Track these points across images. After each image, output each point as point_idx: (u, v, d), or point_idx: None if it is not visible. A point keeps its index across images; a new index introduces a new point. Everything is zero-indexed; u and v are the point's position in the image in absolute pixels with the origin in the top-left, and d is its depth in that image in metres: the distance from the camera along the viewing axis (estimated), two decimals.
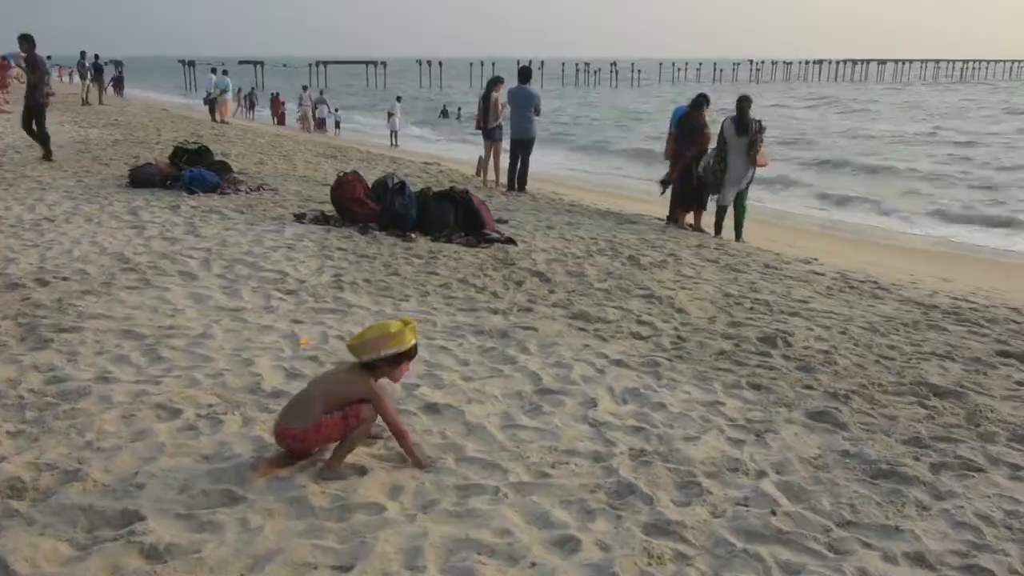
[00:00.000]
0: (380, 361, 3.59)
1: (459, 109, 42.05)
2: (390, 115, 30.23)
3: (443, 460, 3.69)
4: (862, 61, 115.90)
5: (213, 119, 26.84)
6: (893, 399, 4.71)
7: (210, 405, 4.19)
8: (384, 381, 3.70)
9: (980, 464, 3.87)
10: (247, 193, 11.08)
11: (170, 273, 6.77)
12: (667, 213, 11.68)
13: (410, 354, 3.69)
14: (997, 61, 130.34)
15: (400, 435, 3.65)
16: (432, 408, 4.28)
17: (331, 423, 3.51)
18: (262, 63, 79.12)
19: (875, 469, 3.77)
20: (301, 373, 4.68)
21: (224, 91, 26.94)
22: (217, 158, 12.37)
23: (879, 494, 3.54)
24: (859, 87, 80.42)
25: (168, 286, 6.38)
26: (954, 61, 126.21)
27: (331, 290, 6.54)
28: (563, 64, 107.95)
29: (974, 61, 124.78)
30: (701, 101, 11.16)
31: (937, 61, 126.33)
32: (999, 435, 4.22)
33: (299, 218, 9.46)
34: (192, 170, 11.10)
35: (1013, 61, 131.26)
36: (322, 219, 9.40)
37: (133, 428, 3.89)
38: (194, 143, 12.18)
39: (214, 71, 28.57)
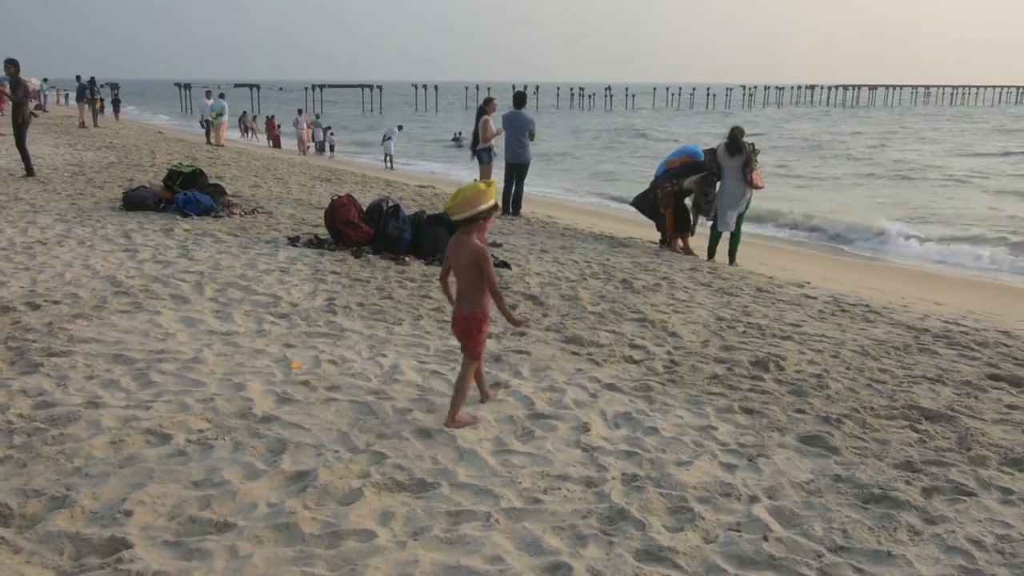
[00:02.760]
0: (477, 216, 4.29)
1: (460, 133, 42.02)
2: (386, 138, 30.31)
3: (438, 486, 3.68)
4: (853, 87, 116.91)
5: (208, 142, 26.91)
6: (885, 423, 4.71)
7: (200, 430, 4.17)
8: None
9: (971, 488, 3.87)
10: (241, 216, 11.09)
11: (162, 297, 6.76)
12: (660, 237, 11.74)
13: (494, 208, 4.37)
14: (985, 87, 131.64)
15: (496, 295, 4.34)
16: (424, 433, 4.27)
17: (485, 326, 4.45)
18: (258, 86, 79.45)
19: (867, 494, 3.76)
20: (292, 398, 4.67)
21: (220, 114, 27.02)
22: (212, 181, 12.39)
23: (871, 519, 3.53)
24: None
25: (160, 310, 6.37)
26: (944, 87, 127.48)
27: (324, 314, 6.53)
28: (558, 88, 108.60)
29: (964, 87, 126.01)
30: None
31: (927, 87, 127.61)
32: (990, 459, 4.22)
33: (293, 241, 9.47)
34: (186, 193, 11.13)
35: (1001, 87, 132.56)
36: (316, 242, 9.41)
37: (122, 454, 3.87)
38: (188, 166, 12.20)
39: (209, 94, 28.66)
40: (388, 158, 29.81)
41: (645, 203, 11.77)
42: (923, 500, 3.73)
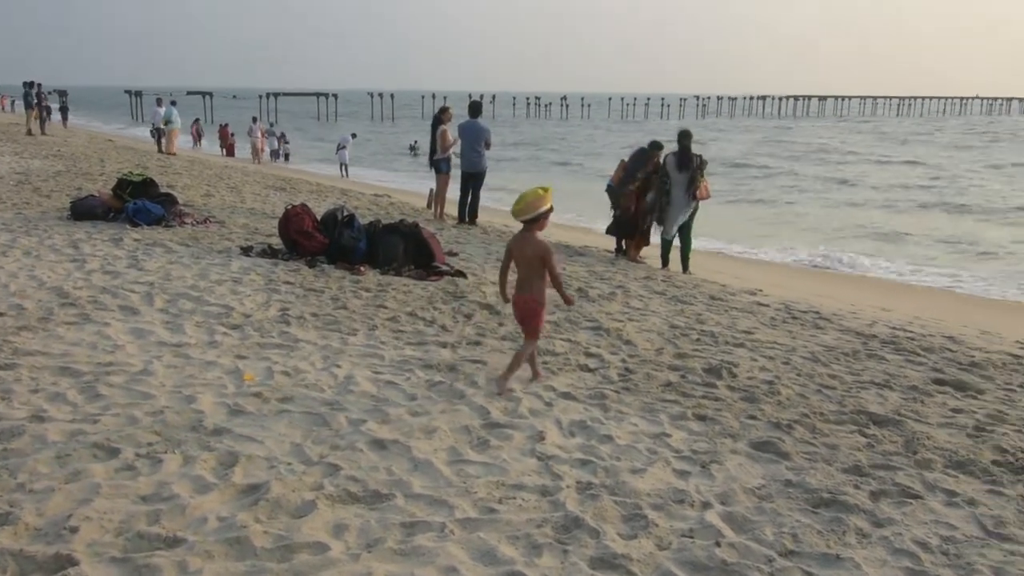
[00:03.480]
0: (539, 216, 5.03)
1: (416, 142, 41.48)
2: (340, 147, 30.11)
3: (393, 497, 3.65)
4: (804, 97, 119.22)
5: (160, 150, 26.47)
6: (834, 428, 4.80)
7: (149, 444, 4.09)
8: None
9: (917, 491, 3.96)
10: (193, 226, 10.93)
11: (111, 308, 6.62)
12: (615, 246, 11.84)
13: (551, 209, 5.10)
14: (931, 97, 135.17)
15: (558, 283, 5.18)
16: (378, 444, 4.24)
17: (544, 312, 5.29)
18: (211, 94, 78.41)
19: (817, 498, 3.83)
20: (244, 410, 4.60)
21: (169, 121, 26.60)
22: (163, 190, 12.19)
23: (820, 523, 3.59)
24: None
25: (108, 321, 6.24)
26: (890, 98, 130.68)
27: (277, 324, 6.46)
28: (514, 98, 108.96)
29: (910, 97, 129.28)
30: (658, 145, 11.47)
31: (875, 97, 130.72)
32: (935, 462, 4.32)
33: (246, 251, 9.35)
34: (136, 202, 10.92)
35: (945, 97, 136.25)
36: (269, 252, 9.31)
37: (68, 469, 3.77)
38: (139, 175, 11.98)
39: (160, 102, 28.22)
40: (343, 167, 29.62)
41: (622, 225, 11.74)
42: (871, 503, 3.81)
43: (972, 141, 54.55)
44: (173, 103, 28.05)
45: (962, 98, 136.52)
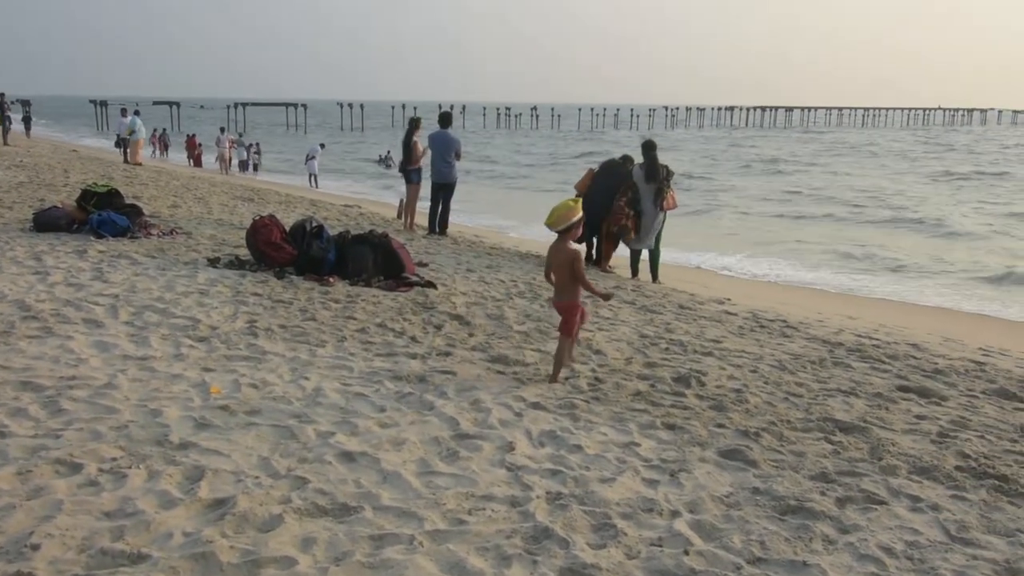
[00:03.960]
0: (570, 227, 5.49)
1: (388, 152, 40.95)
2: (309, 158, 29.98)
3: (361, 510, 3.63)
4: (771, 108, 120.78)
5: (125, 161, 26.17)
6: (801, 435, 4.85)
7: (113, 459, 4.02)
8: None
9: (883, 497, 4.01)
10: (159, 237, 10.81)
11: (74, 321, 6.52)
12: (585, 255, 11.88)
13: (582, 219, 5.57)
14: (894, 108, 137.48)
15: (585, 285, 5.64)
16: (347, 456, 4.21)
17: (578, 311, 5.76)
18: (178, 104, 77.70)
19: (784, 505, 3.86)
20: (211, 423, 4.55)
21: (134, 131, 26.34)
22: (128, 201, 12.04)
23: (787, 530, 3.62)
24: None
25: (72, 334, 6.14)
26: (856, 108, 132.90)
27: (244, 336, 6.40)
28: (484, 108, 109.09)
29: (874, 108, 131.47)
30: (631, 159, 11.58)
31: (840, 108, 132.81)
32: (900, 468, 4.38)
33: (213, 263, 9.26)
34: (101, 213, 10.77)
35: (908, 108, 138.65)
36: (237, 264, 9.23)
37: (29, 485, 3.70)
38: (103, 185, 11.83)
39: (124, 112, 27.94)
40: (312, 177, 29.49)
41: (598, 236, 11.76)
42: (837, 510, 3.85)
43: (931, 152, 55.58)
44: (137, 113, 27.82)
45: (924, 109, 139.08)
